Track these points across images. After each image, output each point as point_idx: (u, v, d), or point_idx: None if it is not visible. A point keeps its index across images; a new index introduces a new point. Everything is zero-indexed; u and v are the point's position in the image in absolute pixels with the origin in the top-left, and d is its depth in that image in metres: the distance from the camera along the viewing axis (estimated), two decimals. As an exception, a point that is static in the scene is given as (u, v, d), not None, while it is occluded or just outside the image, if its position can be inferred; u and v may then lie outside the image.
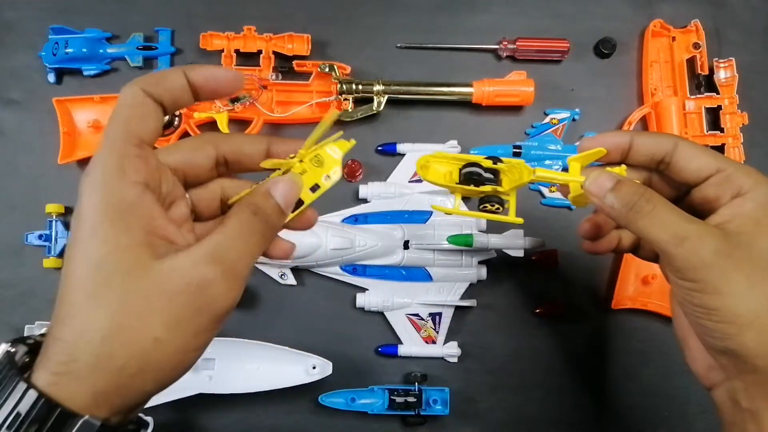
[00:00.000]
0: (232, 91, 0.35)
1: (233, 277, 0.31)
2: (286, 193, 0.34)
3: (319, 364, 0.60)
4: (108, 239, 0.29)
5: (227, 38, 0.65)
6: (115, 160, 0.30)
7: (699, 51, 0.67)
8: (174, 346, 0.29)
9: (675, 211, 0.36)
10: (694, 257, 0.34)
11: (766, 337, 0.34)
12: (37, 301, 0.65)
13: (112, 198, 0.29)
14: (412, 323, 0.64)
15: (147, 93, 0.31)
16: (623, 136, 0.41)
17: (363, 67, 0.67)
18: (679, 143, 0.39)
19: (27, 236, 0.65)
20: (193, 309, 0.29)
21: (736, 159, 0.65)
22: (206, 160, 0.35)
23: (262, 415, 0.63)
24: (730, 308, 0.34)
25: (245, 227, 0.32)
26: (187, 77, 0.32)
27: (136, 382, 0.29)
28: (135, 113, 0.31)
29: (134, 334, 0.28)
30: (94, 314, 0.28)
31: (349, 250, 0.61)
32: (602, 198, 0.38)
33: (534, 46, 0.67)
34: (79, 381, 0.28)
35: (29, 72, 0.67)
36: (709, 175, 0.38)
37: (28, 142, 0.67)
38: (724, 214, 0.37)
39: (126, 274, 0.29)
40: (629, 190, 0.37)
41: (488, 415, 0.64)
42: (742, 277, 0.34)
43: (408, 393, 0.61)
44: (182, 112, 0.64)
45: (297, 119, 0.66)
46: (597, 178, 0.38)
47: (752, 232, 0.35)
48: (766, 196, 0.36)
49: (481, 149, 0.67)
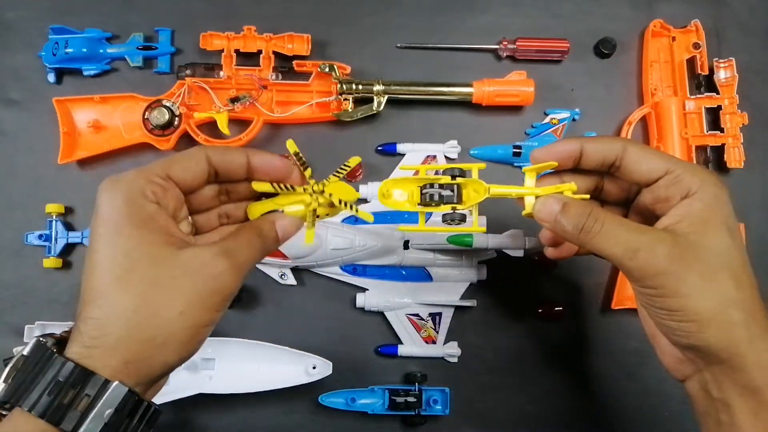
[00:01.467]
0: (281, 179, 0.41)
1: (238, 270, 0.36)
2: (287, 230, 0.40)
3: (319, 364, 0.60)
4: (134, 236, 0.34)
5: (227, 38, 0.65)
6: (141, 182, 0.36)
7: (699, 51, 0.67)
8: (194, 319, 0.34)
9: (623, 225, 0.38)
10: (648, 267, 0.36)
11: (727, 330, 0.36)
12: (37, 301, 0.65)
13: (134, 209, 0.35)
14: (412, 323, 0.64)
15: (208, 157, 0.39)
16: (572, 144, 0.42)
17: (363, 67, 0.67)
18: (628, 146, 0.40)
19: (27, 236, 0.65)
20: (210, 289, 0.35)
21: (736, 159, 0.65)
22: (203, 173, 0.40)
23: (262, 415, 0.63)
24: (690, 308, 0.36)
25: (250, 240, 0.38)
26: (249, 159, 0.40)
27: (162, 352, 0.34)
28: (183, 162, 0.38)
29: (162, 308, 0.33)
30: (125, 294, 0.33)
31: (349, 250, 0.61)
32: (552, 223, 0.40)
33: (534, 46, 0.67)
34: (111, 352, 0.33)
35: (29, 72, 0.67)
36: (659, 176, 0.39)
37: (28, 142, 0.67)
38: (675, 215, 0.38)
39: (152, 259, 0.34)
40: (576, 212, 0.39)
41: (488, 415, 0.64)
42: (696, 278, 0.36)
43: (408, 393, 0.61)
44: (182, 112, 0.64)
45: (297, 119, 0.66)
46: (545, 203, 0.40)
47: (700, 231, 0.37)
48: (712, 195, 0.38)
49: (481, 149, 0.67)
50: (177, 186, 0.38)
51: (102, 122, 0.65)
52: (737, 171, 0.66)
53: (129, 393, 0.33)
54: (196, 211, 0.42)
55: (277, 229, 0.40)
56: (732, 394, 0.38)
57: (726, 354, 0.37)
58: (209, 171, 0.39)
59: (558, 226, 0.39)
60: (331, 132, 0.67)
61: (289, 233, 0.40)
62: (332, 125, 0.67)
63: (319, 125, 0.67)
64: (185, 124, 0.64)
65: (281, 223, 0.40)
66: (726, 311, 0.36)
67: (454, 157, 0.67)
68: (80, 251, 0.66)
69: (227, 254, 0.36)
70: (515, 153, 0.66)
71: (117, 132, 0.65)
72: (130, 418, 0.34)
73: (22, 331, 0.62)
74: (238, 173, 0.40)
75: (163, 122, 0.63)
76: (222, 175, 0.40)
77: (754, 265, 0.66)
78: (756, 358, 0.36)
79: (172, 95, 0.65)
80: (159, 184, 0.37)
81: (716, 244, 0.37)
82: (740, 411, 0.37)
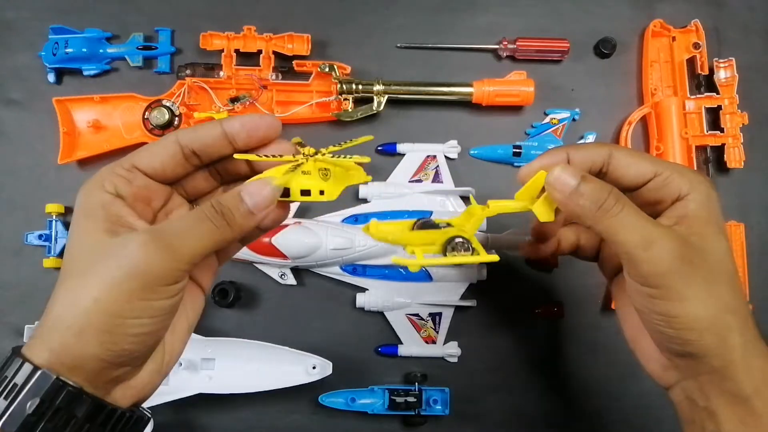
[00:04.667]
0: (270, 136, 0.37)
1: (167, 248, 0.33)
2: (256, 195, 0.35)
3: (319, 364, 0.60)
4: (80, 228, 0.34)
5: (227, 38, 0.65)
6: (103, 175, 0.35)
7: (699, 51, 0.67)
8: (110, 307, 0.32)
9: (641, 213, 0.36)
10: (661, 262, 0.35)
11: (723, 338, 0.35)
12: (37, 301, 0.64)
13: (88, 201, 0.35)
14: (412, 323, 0.64)
15: (179, 139, 0.36)
16: (558, 153, 0.39)
17: (363, 67, 0.67)
18: (614, 151, 0.39)
19: (27, 236, 0.65)
20: (125, 272, 0.32)
21: (736, 159, 0.65)
22: (173, 156, 0.37)
23: (262, 415, 0.63)
24: (691, 314, 0.35)
25: (197, 214, 0.34)
26: (224, 129, 0.36)
27: (81, 342, 0.32)
28: (150, 149, 0.36)
29: (78, 295, 0.32)
30: (60, 286, 0.33)
31: (349, 250, 0.61)
32: (567, 194, 0.36)
33: (534, 46, 0.67)
34: (41, 342, 0.32)
35: (29, 72, 0.67)
36: (648, 179, 0.38)
37: (28, 142, 0.67)
38: (671, 217, 0.37)
39: (84, 248, 0.34)
40: (596, 187, 0.36)
41: (488, 415, 0.64)
42: (701, 282, 0.35)
43: (408, 393, 0.61)
44: (182, 112, 0.64)
45: (297, 119, 0.66)
46: (561, 174, 0.37)
47: (701, 233, 0.36)
48: (705, 195, 0.37)
49: (481, 149, 0.67)
50: (147, 175, 0.36)
51: (102, 122, 0.65)
52: (737, 171, 0.66)
53: (61, 385, 0.31)
54: (195, 195, 0.39)
55: (244, 196, 0.34)
56: (719, 402, 0.37)
57: (718, 362, 0.36)
58: (183, 153, 0.36)
59: (573, 199, 0.36)
60: (331, 132, 0.67)
61: (262, 201, 0.34)
62: (332, 125, 0.67)
63: (319, 125, 0.67)
64: (185, 124, 0.64)
65: (250, 190, 0.34)
66: (724, 318, 0.35)
67: (454, 157, 0.67)
68: (80, 251, 0.66)
69: (155, 231, 0.33)
70: (515, 153, 0.66)
71: (117, 132, 0.65)
72: (90, 422, 0.33)
73: (22, 331, 0.62)
74: (218, 148, 0.36)
75: (163, 122, 0.63)
76: (201, 153, 0.36)
77: (754, 265, 0.67)
78: (746, 366, 0.36)
79: (172, 95, 0.65)
80: (120, 175, 0.35)
81: (717, 248, 0.36)
82: (727, 420, 0.37)
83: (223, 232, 0.34)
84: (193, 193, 0.39)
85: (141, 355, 0.34)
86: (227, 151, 0.37)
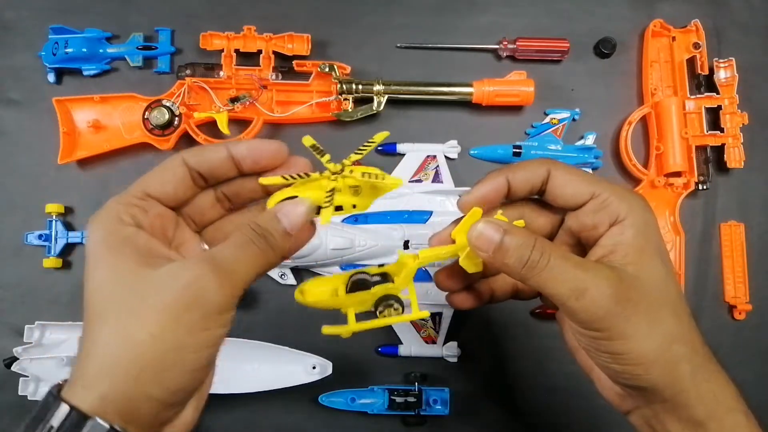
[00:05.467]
0: (276, 162, 0.36)
1: (224, 274, 0.31)
2: (293, 217, 0.34)
3: (319, 364, 0.60)
4: (108, 264, 0.32)
5: (227, 38, 0.65)
6: (118, 208, 0.33)
7: (699, 51, 0.67)
8: (168, 342, 0.30)
9: (569, 261, 0.34)
10: (596, 309, 0.34)
11: (671, 370, 0.35)
12: (37, 301, 0.65)
13: (110, 236, 0.33)
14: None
15: (185, 161, 0.35)
16: (498, 179, 0.38)
17: (363, 67, 0.67)
18: (552, 169, 0.38)
19: (27, 236, 0.64)
20: (183, 303, 0.30)
21: (736, 159, 0.65)
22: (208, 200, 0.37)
23: (262, 415, 0.63)
24: (635, 350, 0.34)
25: (242, 239, 0.33)
26: (230, 152, 0.35)
27: (139, 384, 0.30)
28: (159, 175, 0.35)
29: (132, 333, 0.30)
30: (102, 325, 0.31)
31: (349, 250, 0.61)
32: (492, 254, 0.35)
33: (534, 46, 0.67)
34: (88, 387, 0.30)
35: (29, 72, 0.67)
36: (585, 200, 0.37)
37: (28, 142, 0.67)
38: (606, 245, 0.36)
39: (125, 284, 0.31)
40: (519, 242, 0.34)
41: (488, 415, 0.64)
42: (641, 318, 0.34)
43: (408, 393, 0.61)
44: (182, 112, 0.64)
45: (297, 119, 0.66)
46: (483, 231, 0.35)
47: (637, 262, 0.35)
48: (642, 220, 0.36)
49: (481, 149, 0.67)
50: (161, 202, 0.35)
51: (102, 122, 0.65)
52: (737, 171, 0.66)
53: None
54: (202, 223, 0.38)
55: (281, 217, 0.34)
56: (676, 428, 0.36)
57: (670, 392, 0.35)
58: (191, 175, 0.35)
59: (498, 257, 0.35)
60: (331, 132, 0.67)
61: (298, 220, 0.34)
62: (332, 125, 0.67)
63: (319, 125, 0.67)
64: (185, 124, 0.64)
65: (286, 210, 0.34)
66: (670, 349, 0.35)
67: (454, 157, 0.67)
68: (80, 251, 0.66)
69: (206, 258, 0.32)
70: (515, 153, 0.66)
71: (117, 132, 0.65)
72: None
73: (22, 331, 0.62)
74: (224, 170, 0.36)
75: (163, 122, 0.63)
76: (208, 175, 0.36)
77: (754, 265, 0.67)
78: (697, 392, 0.35)
79: (172, 95, 0.65)
80: (136, 205, 0.34)
81: (654, 277, 0.35)
82: None
83: (267, 255, 0.33)
84: (200, 221, 0.38)
85: (193, 391, 0.33)
86: (233, 173, 0.36)
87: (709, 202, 0.68)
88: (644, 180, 0.66)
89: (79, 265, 0.65)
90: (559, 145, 0.67)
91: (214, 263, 0.31)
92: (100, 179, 0.66)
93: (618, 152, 0.67)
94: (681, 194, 0.65)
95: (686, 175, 0.65)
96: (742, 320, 0.66)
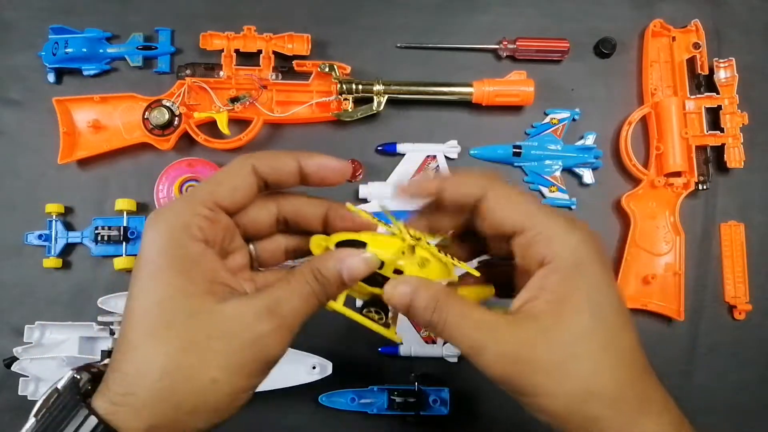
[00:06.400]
0: (339, 181, 0.36)
1: (286, 331, 0.32)
2: (354, 271, 0.33)
3: (319, 364, 0.60)
4: (172, 284, 0.31)
5: (227, 38, 0.65)
6: (185, 218, 0.32)
7: (699, 51, 0.67)
8: (229, 387, 0.31)
9: (467, 319, 0.33)
10: (495, 368, 0.32)
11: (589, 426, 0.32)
12: (36, 301, 0.65)
13: (177, 251, 0.31)
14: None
15: (255, 168, 0.34)
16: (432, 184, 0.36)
17: (363, 67, 0.67)
18: (489, 192, 0.34)
19: (27, 236, 0.64)
20: (249, 355, 0.31)
21: (736, 159, 0.65)
22: (268, 218, 0.37)
23: (262, 415, 0.63)
24: (545, 407, 0.32)
25: (304, 289, 0.33)
26: (300, 163, 0.35)
27: (191, 420, 0.30)
28: (229, 182, 0.34)
29: (193, 373, 0.30)
30: (155, 351, 0.30)
31: (349, 250, 0.61)
32: (405, 309, 0.34)
33: (534, 46, 0.67)
34: (135, 413, 0.29)
35: (29, 72, 0.67)
36: (512, 232, 0.34)
37: (28, 142, 0.67)
38: (531, 289, 0.33)
39: (189, 315, 0.30)
40: (422, 304, 0.33)
41: (488, 415, 0.64)
42: (546, 377, 0.32)
43: (408, 393, 0.61)
44: (182, 112, 0.64)
45: (297, 119, 0.66)
46: (396, 287, 0.34)
47: (555, 312, 0.32)
48: (571, 263, 0.32)
49: (481, 149, 0.67)
50: (227, 211, 0.34)
51: (102, 122, 0.65)
52: (737, 171, 0.66)
53: None
54: (254, 235, 0.37)
55: (343, 269, 0.33)
56: None
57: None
58: (258, 183, 0.35)
59: (411, 314, 0.34)
60: (331, 132, 0.67)
61: (357, 275, 0.33)
62: (332, 125, 0.67)
63: (319, 125, 0.67)
64: (185, 124, 0.64)
65: (349, 263, 0.33)
66: (582, 408, 0.31)
67: (454, 157, 0.67)
68: (80, 251, 0.66)
69: (272, 311, 0.31)
70: (515, 153, 0.66)
71: (117, 132, 0.65)
72: None
73: (22, 331, 0.62)
74: (289, 181, 0.35)
75: (163, 122, 0.63)
76: (272, 184, 0.35)
77: (754, 265, 0.66)
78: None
79: (172, 95, 0.65)
80: (206, 216, 0.33)
81: (571, 329, 0.32)
82: None
83: (321, 304, 0.34)
84: (253, 233, 0.37)
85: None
86: (295, 185, 0.36)
87: (709, 202, 0.68)
88: (644, 180, 0.66)
89: (79, 265, 0.65)
90: (559, 145, 0.67)
91: (280, 318, 0.32)
92: (100, 179, 0.66)
93: (618, 152, 0.67)
94: (681, 194, 0.65)
95: (686, 175, 0.65)
96: (742, 320, 0.66)
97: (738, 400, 0.65)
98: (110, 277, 0.65)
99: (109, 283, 0.64)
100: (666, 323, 0.65)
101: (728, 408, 0.64)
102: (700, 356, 0.65)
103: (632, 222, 0.65)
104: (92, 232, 0.64)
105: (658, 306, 0.64)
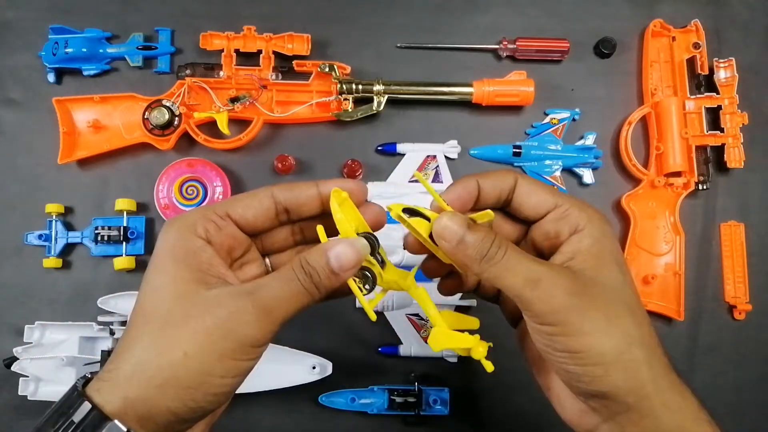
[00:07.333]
0: (359, 200, 0.38)
1: (263, 312, 0.33)
2: (342, 258, 0.34)
3: (319, 364, 0.60)
4: (168, 271, 0.34)
5: (227, 38, 0.65)
6: (196, 218, 0.35)
7: (699, 51, 0.67)
8: (199, 364, 0.31)
9: (525, 255, 0.35)
10: (551, 299, 0.34)
11: (632, 372, 0.34)
12: (37, 301, 0.65)
13: (180, 243, 0.34)
14: (412, 323, 0.64)
15: (274, 195, 0.37)
16: (469, 182, 0.38)
17: (363, 67, 0.67)
18: (519, 179, 0.39)
19: (27, 236, 0.64)
20: (221, 332, 0.32)
21: (736, 159, 0.65)
22: (283, 232, 0.40)
23: (262, 415, 0.63)
24: (594, 348, 0.33)
25: (288, 275, 0.34)
26: (319, 189, 0.37)
27: (161, 395, 0.31)
28: (245, 200, 0.37)
29: (166, 347, 0.32)
30: (143, 330, 0.33)
31: (349, 250, 0.61)
32: (455, 246, 0.35)
33: (534, 46, 0.67)
34: (116, 387, 0.31)
35: (29, 72, 0.67)
36: (548, 210, 0.38)
37: (28, 142, 0.67)
38: (566, 252, 0.37)
39: (176, 297, 0.33)
40: (480, 236, 0.35)
41: (488, 415, 0.64)
42: (599, 314, 0.34)
43: (408, 393, 0.61)
44: (182, 112, 0.64)
45: (297, 119, 0.66)
46: (448, 223, 0.36)
47: (594, 266, 0.36)
48: (600, 230, 0.37)
49: (481, 149, 0.67)
50: (238, 225, 0.37)
51: (102, 122, 0.65)
52: (737, 171, 0.66)
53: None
54: (272, 250, 0.40)
55: (330, 256, 0.34)
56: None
57: (633, 398, 0.34)
58: (276, 209, 0.37)
59: (460, 250, 0.35)
60: (331, 132, 0.67)
61: (348, 262, 0.34)
62: (332, 125, 0.67)
63: (319, 125, 0.67)
64: (185, 124, 0.64)
65: (337, 250, 0.34)
66: (630, 350, 0.34)
67: (454, 157, 0.67)
68: (80, 251, 0.66)
69: (250, 293, 0.33)
70: (515, 153, 0.66)
71: (117, 132, 0.65)
72: None
73: (22, 331, 0.62)
74: (310, 208, 0.38)
75: (163, 122, 0.63)
76: (293, 212, 0.38)
77: (755, 265, 0.67)
78: (661, 400, 0.34)
79: (172, 95, 0.65)
80: (213, 222, 0.36)
81: (611, 280, 0.35)
82: None
83: (311, 293, 0.34)
84: (270, 248, 0.40)
85: (210, 412, 0.34)
86: (318, 211, 0.38)
87: (709, 202, 0.68)
88: (644, 180, 0.66)
89: (79, 265, 0.65)
90: (559, 145, 0.67)
91: (257, 297, 0.33)
92: (100, 179, 0.66)
93: (618, 152, 0.67)
94: (681, 194, 0.65)
95: (686, 175, 0.65)
96: (742, 320, 0.66)
97: (738, 400, 0.65)
98: (110, 277, 0.65)
99: (109, 283, 0.64)
100: (666, 323, 0.65)
101: (728, 408, 0.64)
102: (700, 356, 0.65)
103: (632, 222, 0.65)
104: (92, 232, 0.64)
105: (658, 306, 0.64)
